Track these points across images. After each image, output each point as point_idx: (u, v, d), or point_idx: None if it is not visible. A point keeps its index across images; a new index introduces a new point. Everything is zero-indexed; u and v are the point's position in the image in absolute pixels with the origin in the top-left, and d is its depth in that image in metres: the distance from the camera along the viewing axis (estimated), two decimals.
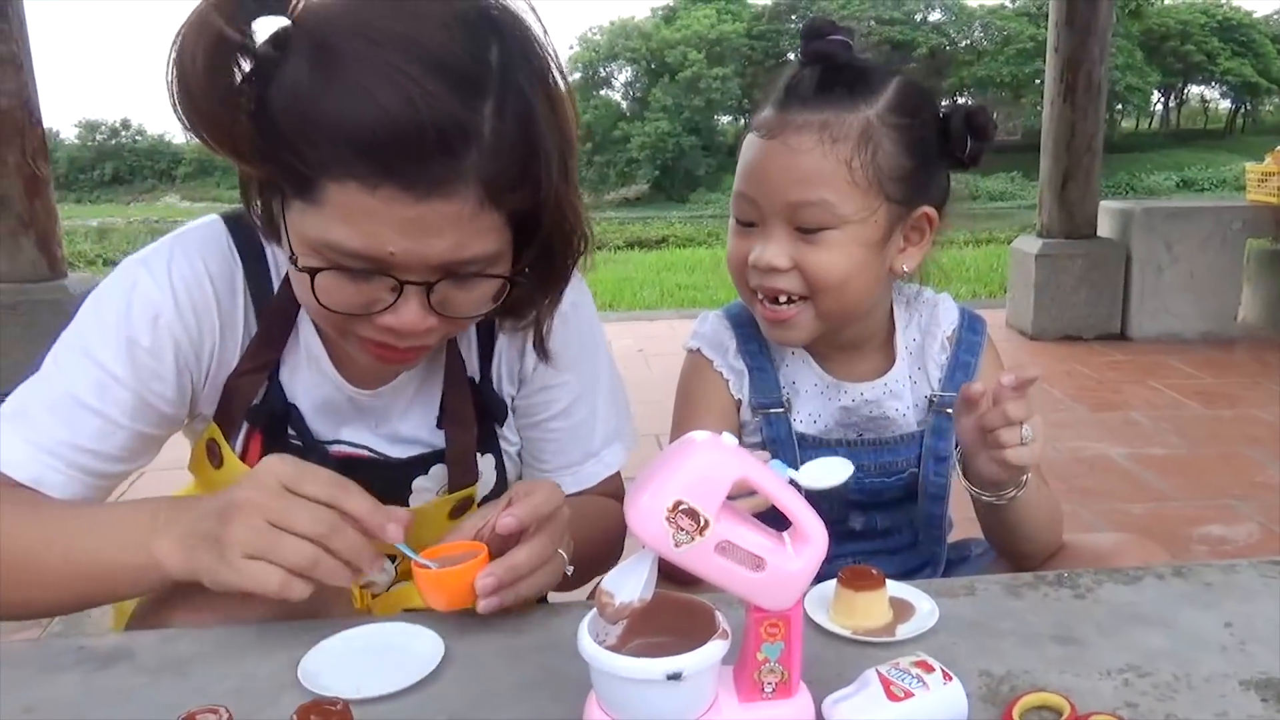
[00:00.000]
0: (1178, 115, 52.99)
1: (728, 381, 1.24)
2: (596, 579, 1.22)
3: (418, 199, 0.81)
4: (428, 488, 1.14)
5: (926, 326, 1.25)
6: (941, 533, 1.27)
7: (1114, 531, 1.97)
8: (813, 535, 0.68)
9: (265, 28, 0.84)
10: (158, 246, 1.03)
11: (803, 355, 1.22)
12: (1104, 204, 5.26)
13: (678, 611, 0.74)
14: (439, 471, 1.13)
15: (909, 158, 1.09)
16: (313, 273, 0.87)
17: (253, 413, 1.07)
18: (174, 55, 0.81)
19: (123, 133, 46.78)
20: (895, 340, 1.23)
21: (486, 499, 1.19)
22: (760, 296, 1.14)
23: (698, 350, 1.26)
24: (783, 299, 1.12)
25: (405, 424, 1.12)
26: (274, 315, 1.05)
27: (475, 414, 1.13)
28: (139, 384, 0.98)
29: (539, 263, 0.94)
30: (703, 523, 0.65)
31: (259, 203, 0.94)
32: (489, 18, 0.85)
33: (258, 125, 0.83)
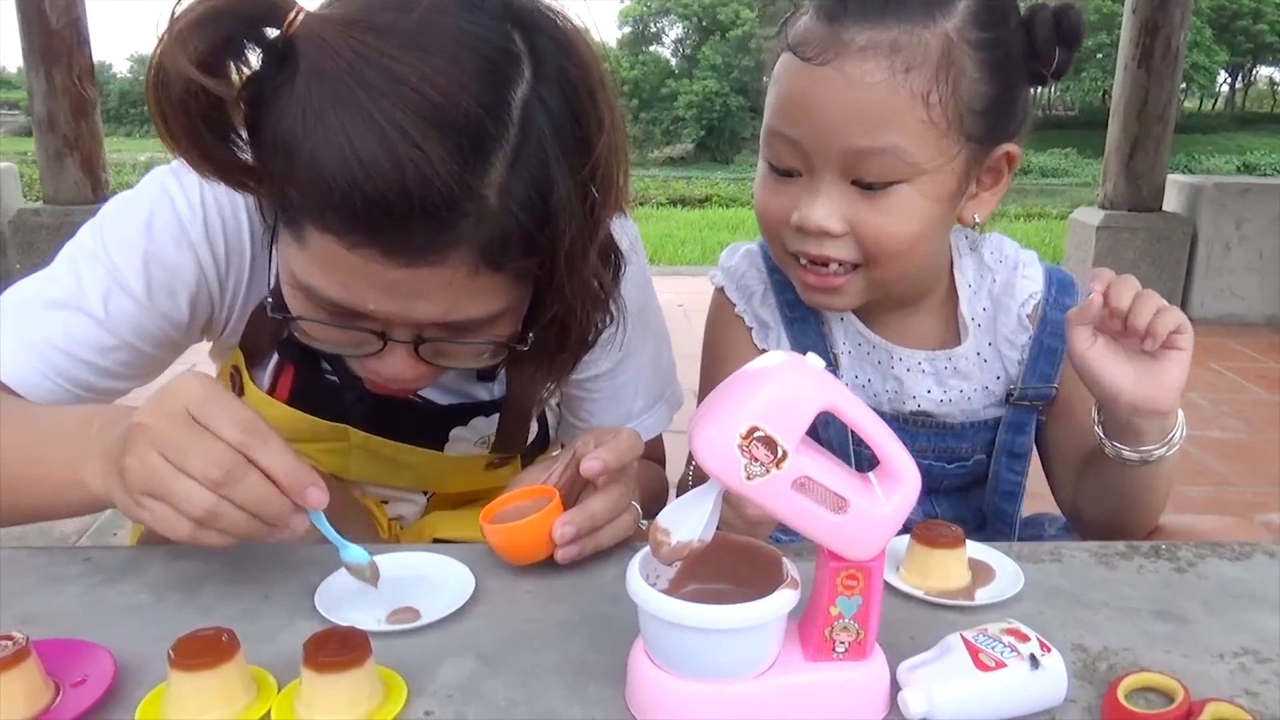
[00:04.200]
0: (1244, 97, 51.25)
1: (750, 330, 1.07)
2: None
3: (399, 265, 0.70)
4: (465, 438, 1.06)
5: (1000, 295, 1.05)
6: (1011, 529, 1.12)
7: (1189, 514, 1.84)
8: (904, 477, 0.59)
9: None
10: None
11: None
12: (1171, 177, 5.03)
13: (739, 556, 0.66)
14: (480, 424, 1.05)
15: (993, 83, 0.89)
16: (286, 318, 0.79)
17: (285, 345, 0.99)
18: (152, 78, 0.69)
19: None
20: (959, 306, 1.04)
21: (528, 450, 1.11)
22: (802, 261, 0.95)
23: (721, 289, 1.10)
24: (833, 265, 0.94)
25: (445, 374, 1.04)
26: None
27: None
28: (150, 301, 0.90)
29: (546, 333, 0.84)
30: (780, 453, 0.56)
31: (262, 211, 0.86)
32: (514, 53, 0.70)
33: (252, 144, 0.73)
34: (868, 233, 0.90)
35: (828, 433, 1.04)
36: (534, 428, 1.10)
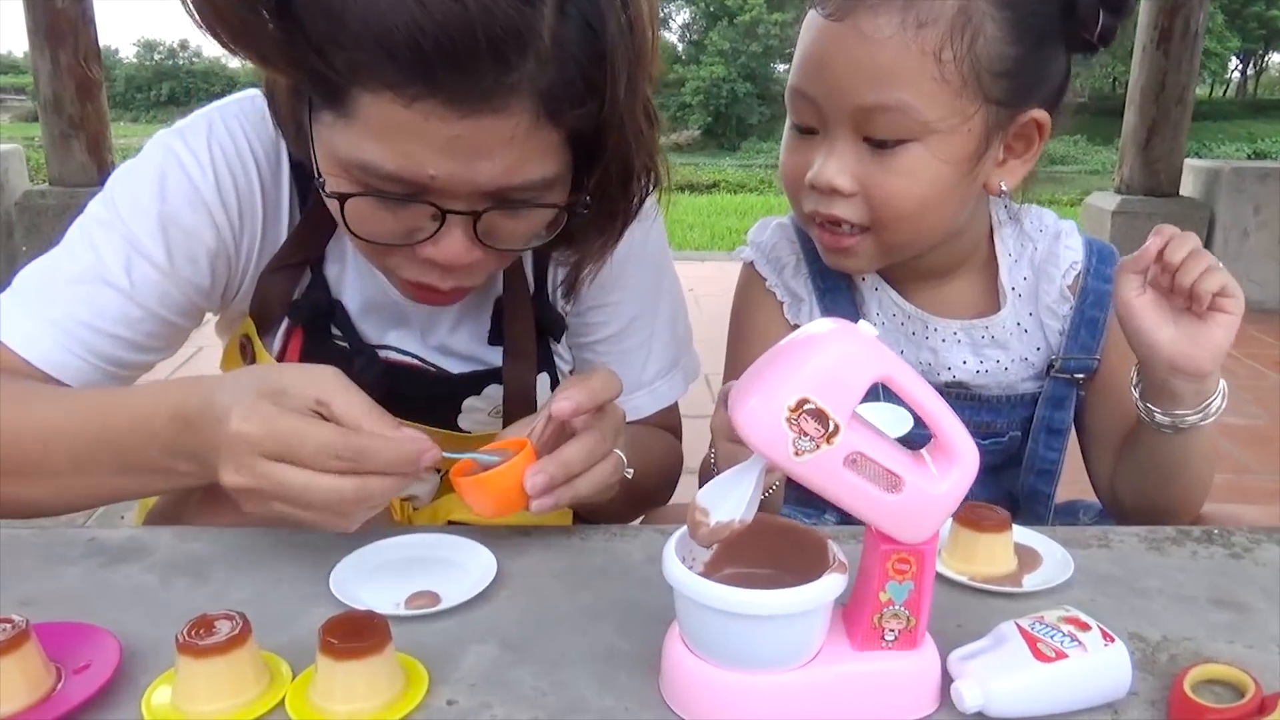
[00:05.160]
0: (1255, 84, 50.82)
1: (782, 305, 1.05)
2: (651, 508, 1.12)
3: (462, 115, 0.68)
4: (479, 408, 1.02)
5: (1042, 265, 1.03)
6: (1047, 511, 1.08)
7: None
8: (962, 453, 0.55)
9: None
10: (194, 118, 0.91)
11: (876, 279, 1.03)
12: (1189, 162, 4.96)
13: (781, 538, 0.62)
14: (493, 393, 1.02)
15: (1017, 44, 0.86)
16: (342, 199, 0.75)
17: (294, 309, 0.95)
18: None
19: (180, 53, 46.89)
20: (999, 275, 1.02)
21: None
22: (818, 219, 0.94)
23: (750, 263, 1.07)
24: (844, 225, 0.92)
25: (455, 338, 1.01)
26: (320, 204, 0.93)
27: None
28: (171, 267, 0.86)
29: (597, 195, 0.81)
30: (832, 427, 0.52)
31: (286, 112, 0.81)
32: None
33: (281, 19, 0.69)
34: (876, 192, 0.89)
35: None
36: (548, 397, 1.06)
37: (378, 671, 0.57)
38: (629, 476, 0.80)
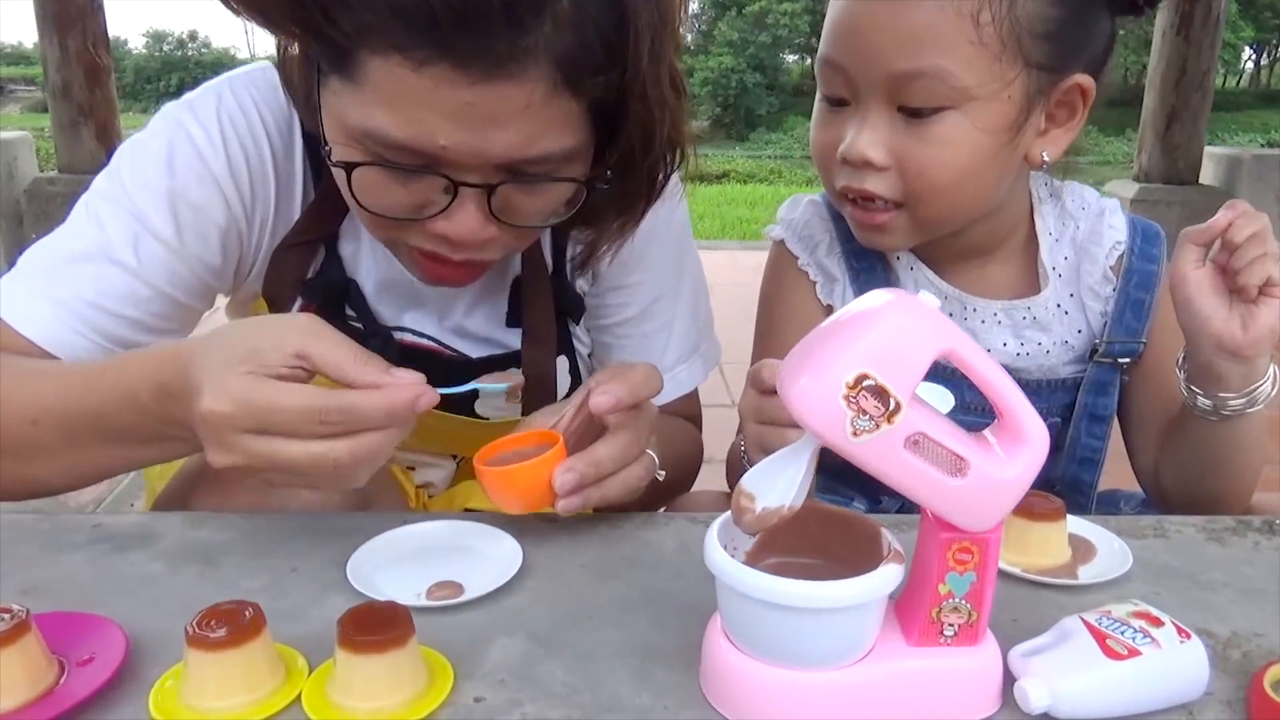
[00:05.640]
0: (1269, 74, 50.38)
1: (815, 284, 1.01)
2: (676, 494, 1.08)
3: (474, 80, 0.64)
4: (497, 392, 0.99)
5: (1084, 244, 0.99)
6: (1089, 501, 1.04)
7: None
8: (1031, 435, 0.51)
9: None
10: (203, 91, 0.87)
11: (911, 259, 0.99)
12: (1209, 150, 4.90)
13: (828, 525, 0.58)
14: (511, 377, 0.98)
15: (1059, 5, 0.82)
16: (349, 168, 0.71)
17: (308, 288, 0.91)
18: None
19: (189, 44, 46.87)
20: (1040, 254, 0.98)
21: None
22: (850, 195, 0.90)
23: (781, 242, 1.03)
24: (877, 201, 0.88)
25: (472, 320, 0.97)
26: (334, 180, 0.89)
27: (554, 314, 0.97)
28: (180, 244, 0.83)
29: (618, 170, 0.77)
30: (893, 406, 0.48)
31: (297, 81, 0.78)
32: None
33: None
34: (911, 165, 0.85)
35: None
36: (567, 381, 1.02)
37: (400, 666, 0.54)
38: (660, 479, 0.76)
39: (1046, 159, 0.88)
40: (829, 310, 1.01)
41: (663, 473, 0.77)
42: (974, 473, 0.50)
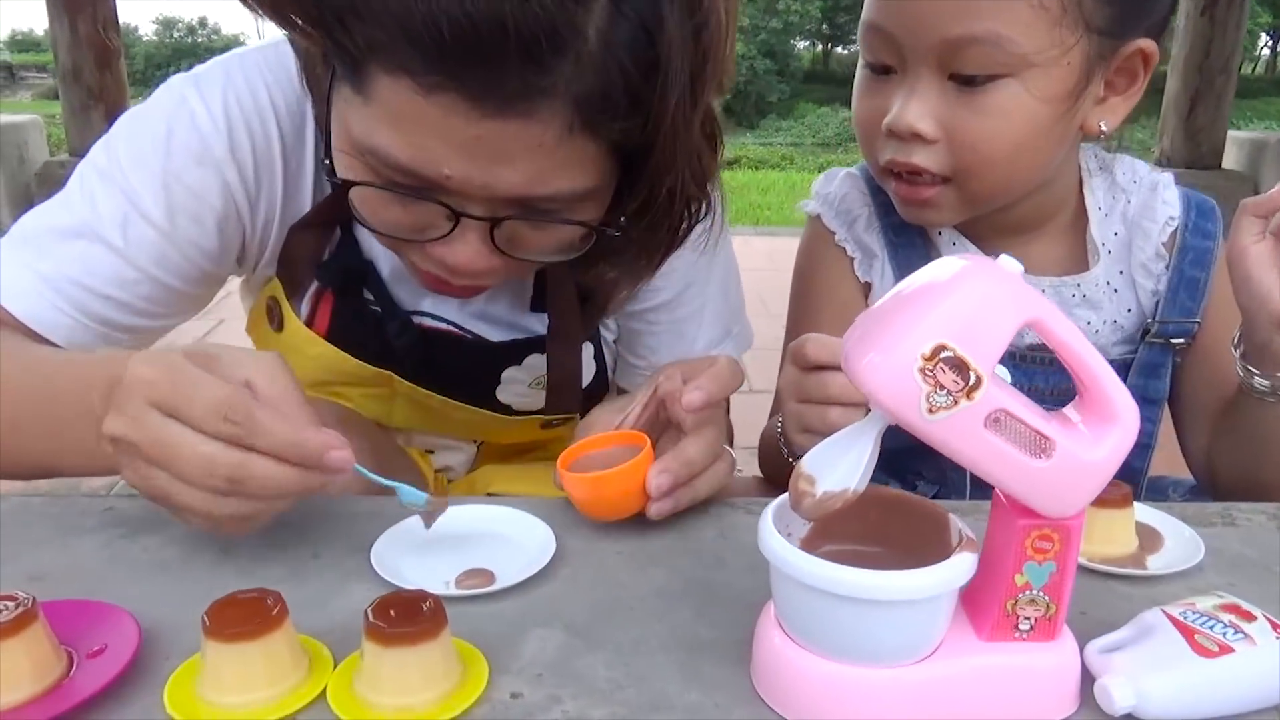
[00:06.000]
0: None
1: (852, 261, 0.97)
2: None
3: (485, 114, 0.59)
4: (519, 379, 0.95)
5: (1136, 219, 0.94)
6: (1138, 488, 1.00)
7: None
8: (1121, 414, 0.47)
9: None
10: (212, 66, 0.82)
11: (954, 234, 0.95)
12: (1232, 134, 4.82)
13: (891, 511, 0.54)
14: (535, 363, 0.94)
15: None
16: (346, 186, 0.67)
17: (323, 270, 0.88)
18: None
19: (200, 30, 46.86)
20: (1089, 230, 0.94)
21: (587, 390, 1.00)
22: (896, 169, 0.85)
23: (817, 217, 0.99)
24: (924, 175, 0.84)
25: (495, 304, 0.93)
26: None
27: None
28: (172, 228, 0.78)
29: (637, 220, 0.72)
30: (973, 380, 0.44)
31: (310, 73, 0.74)
32: None
33: None
34: (963, 137, 0.81)
35: None
36: (591, 368, 0.99)
37: (433, 659, 0.50)
38: (740, 473, 0.73)
39: (1104, 129, 0.84)
40: (867, 288, 0.97)
41: (741, 470, 0.74)
42: (1059, 454, 0.46)
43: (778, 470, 0.94)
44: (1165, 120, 4.75)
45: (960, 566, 0.47)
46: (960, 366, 0.44)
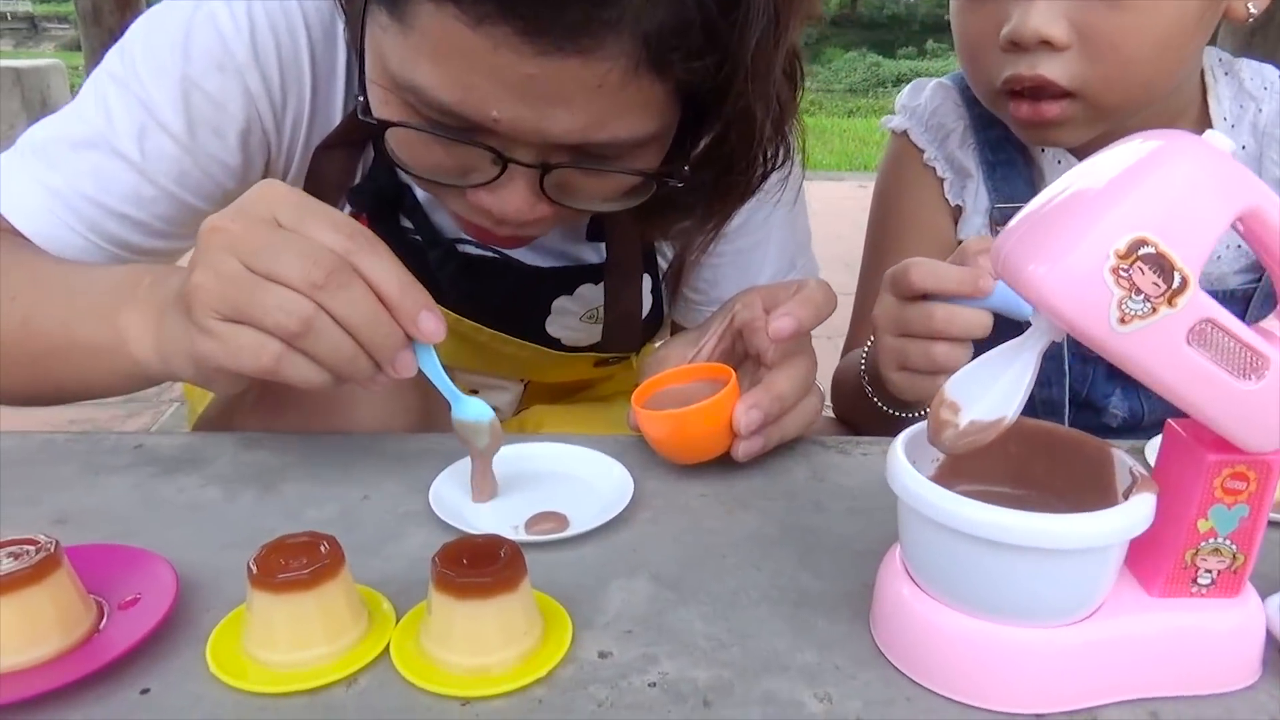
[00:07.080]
0: None
1: (943, 181, 0.88)
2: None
3: (540, 51, 0.51)
4: (570, 310, 0.87)
5: (1267, 129, 0.85)
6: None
7: None
8: None
9: None
10: None
11: (1059, 150, 0.85)
12: None
13: (1037, 446, 0.46)
14: (587, 294, 0.86)
15: None
16: (381, 127, 0.60)
17: (354, 193, 0.80)
18: None
19: None
20: None
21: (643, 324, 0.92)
22: (1019, 86, 0.76)
23: (904, 133, 0.90)
24: (1048, 90, 0.74)
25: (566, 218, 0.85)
26: None
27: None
28: (191, 140, 0.71)
29: (706, 167, 0.65)
30: (1178, 282, 0.36)
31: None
32: None
33: None
34: (1101, 39, 0.71)
35: None
36: (648, 301, 0.91)
37: (512, 614, 0.43)
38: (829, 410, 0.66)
39: (1253, 10, 0.74)
40: (957, 211, 0.88)
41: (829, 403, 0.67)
42: (1273, 374, 0.38)
43: (856, 409, 0.86)
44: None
45: (1140, 510, 0.40)
46: (1163, 266, 0.35)
